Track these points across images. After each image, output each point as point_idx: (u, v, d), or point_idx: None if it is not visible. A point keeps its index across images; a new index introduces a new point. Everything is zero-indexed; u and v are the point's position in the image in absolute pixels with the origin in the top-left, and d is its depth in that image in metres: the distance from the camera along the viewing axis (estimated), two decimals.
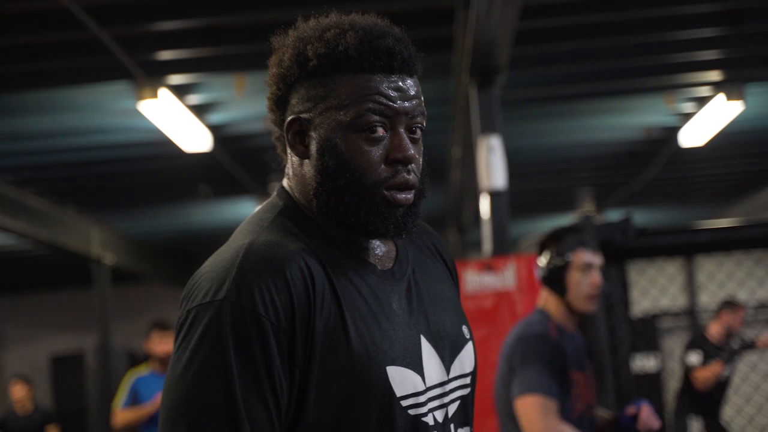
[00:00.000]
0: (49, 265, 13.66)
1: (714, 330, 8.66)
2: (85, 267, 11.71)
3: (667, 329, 14.15)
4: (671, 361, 13.64)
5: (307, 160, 1.73)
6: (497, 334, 4.85)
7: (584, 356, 3.91)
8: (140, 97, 6.77)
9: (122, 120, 7.70)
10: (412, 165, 1.71)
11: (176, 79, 6.85)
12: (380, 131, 1.69)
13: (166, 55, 6.51)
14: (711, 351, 8.48)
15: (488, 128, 5.51)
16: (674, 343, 13.97)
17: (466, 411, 1.81)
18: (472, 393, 1.83)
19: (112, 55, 6.17)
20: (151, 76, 6.63)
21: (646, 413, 3.67)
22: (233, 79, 7.05)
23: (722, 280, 6.11)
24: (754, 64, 7.56)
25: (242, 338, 1.60)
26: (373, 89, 1.69)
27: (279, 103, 1.75)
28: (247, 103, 7.58)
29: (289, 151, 1.76)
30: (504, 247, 5.57)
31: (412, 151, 1.70)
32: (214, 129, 7.94)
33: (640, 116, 9.06)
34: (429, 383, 1.73)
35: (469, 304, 5.01)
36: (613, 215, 5.88)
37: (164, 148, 8.22)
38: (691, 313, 14.84)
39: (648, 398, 7.94)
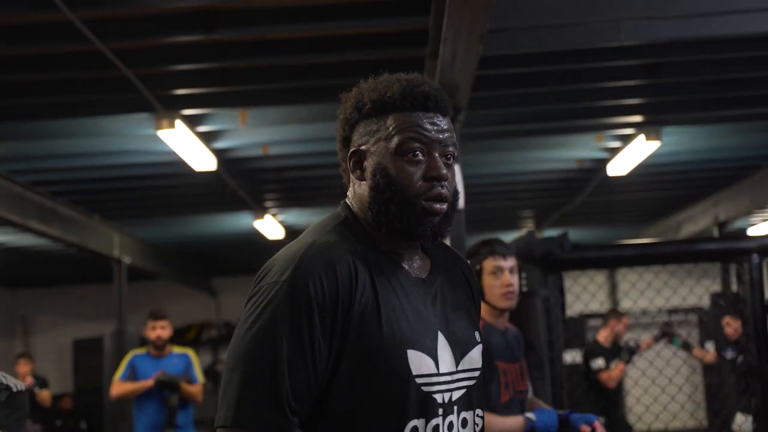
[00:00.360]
0: (77, 264, 13.63)
1: (603, 336, 8.82)
2: (107, 266, 11.71)
3: (593, 327, 14.25)
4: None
5: (364, 182, 1.93)
6: None
7: (518, 349, 3.93)
8: (159, 126, 6.82)
9: (143, 144, 7.72)
10: (445, 182, 1.90)
11: (189, 111, 6.88)
12: (419, 155, 1.89)
13: (181, 91, 6.55)
14: (609, 355, 8.63)
15: None
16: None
17: (470, 398, 1.95)
18: (478, 384, 1.98)
19: (137, 90, 6.21)
20: (168, 109, 6.68)
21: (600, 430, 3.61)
22: (237, 113, 7.10)
23: (642, 288, 6.19)
24: (670, 110, 7.64)
25: (294, 312, 1.79)
26: (413, 122, 1.90)
27: (345, 143, 1.98)
28: (248, 133, 7.63)
29: (351, 176, 1.97)
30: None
31: (445, 171, 1.90)
32: (219, 153, 7.97)
33: (573, 150, 9.15)
34: (442, 370, 1.89)
35: None
36: (551, 232, 5.97)
37: (177, 167, 8.25)
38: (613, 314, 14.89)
39: (574, 386, 7.97)
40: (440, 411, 1.88)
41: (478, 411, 1.98)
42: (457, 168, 5.49)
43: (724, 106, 7.54)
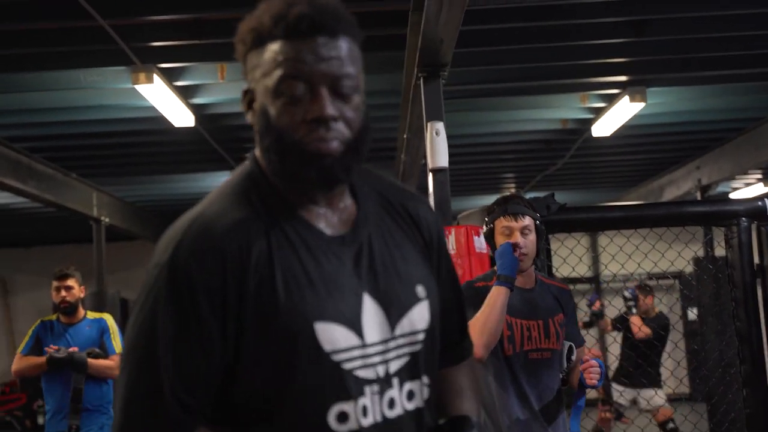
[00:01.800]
0: (55, 223, 13.50)
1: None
2: (86, 225, 11.60)
3: (579, 291, 14.21)
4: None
5: (255, 128, 1.65)
6: None
7: (546, 308, 3.86)
8: (136, 80, 6.67)
9: (120, 99, 7.58)
10: (334, 123, 1.59)
11: (166, 64, 6.74)
12: (299, 93, 1.58)
13: (157, 43, 6.42)
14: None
15: (434, 116, 5.45)
16: (580, 305, 14.06)
17: (416, 366, 1.68)
18: (425, 349, 1.70)
19: (113, 42, 6.07)
20: (144, 62, 6.53)
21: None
22: (216, 66, 6.96)
23: (630, 251, 6.10)
24: (655, 69, 7.58)
25: (176, 297, 1.55)
26: (287, 54, 1.57)
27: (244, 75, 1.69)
28: (227, 87, 7.51)
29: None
30: (446, 218, 5.54)
31: (329, 110, 1.57)
32: (198, 108, 7.85)
33: (557, 111, 9.09)
34: (368, 340, 1.62)
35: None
36: (532, 195, 5.90)
37: (156, 123, 8.12)
38: (596, 279, 14.99)
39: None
40: (369, 389, 1.62)
41: (425, 379, 1.70)
42: (440, 126, 5.44)
43: (709, 66, 7.46)
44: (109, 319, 6.26)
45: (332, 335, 1.59)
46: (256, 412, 1.60)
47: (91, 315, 6.26)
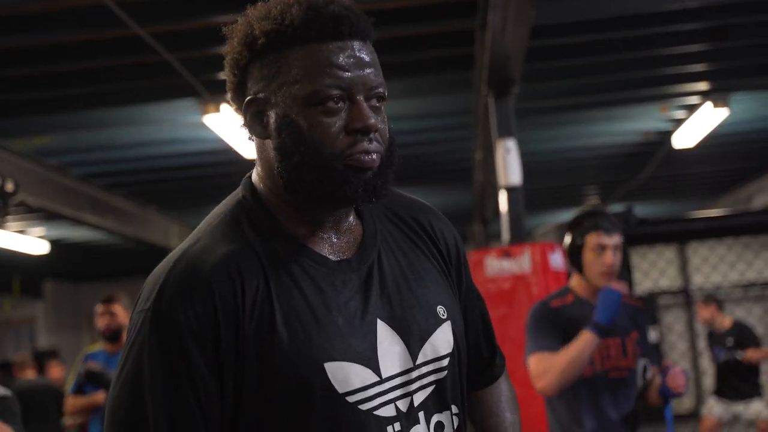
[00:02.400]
0: (136, 256, 13.68)
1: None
2: (165, 256, 11.73)
3: (665, 306, 13.98)
4: (670, 333, 13.48)
5: (268, 141, 1.46)
6: (515, 312, 4.79)
7: (624, 324, 3.73)
8: (205, 112, 6.69)
9: (191, 132, 7.63)
10: (374, 134, 1.43)
11: None
12: (338, 102, 1.41)
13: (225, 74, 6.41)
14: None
15: (505, 133, 5.39)
16: (672, 319, 13.80)
17: (443, 395, 1.51)
18: (452, 375, 1.53)
19: (180, 75, 6.10)
20: (213, 93, 6.54)
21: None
22: None
23: (714, 263, 5.94)
24: (738, 75, 7.39)
25: (163, 345, 1.38)
26: (326, 61, 1.41)
27: (239, 90, 1.49)
28: None
29: (251, 135, 1.50)
30: (520, 236, 5.45)
31: (373, 120, 1.42)
32: None
33: (638, 122, 8.90)
34: (386, 374, 1.45)
35: (489, 287, 4.95)
36: (616, 208, 5.76)
37: (226, 155, 8.13)
38: (685, 292, 14.65)
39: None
40: (396, 427, 1.45)
41: (454, 408, 1.53)
42: (512, 143, 5.34)
43: None
44: None
45: (345, 375, 1.42)
46: None
47: None
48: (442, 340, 1.52)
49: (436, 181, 10.67)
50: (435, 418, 1.50)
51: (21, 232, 11.14)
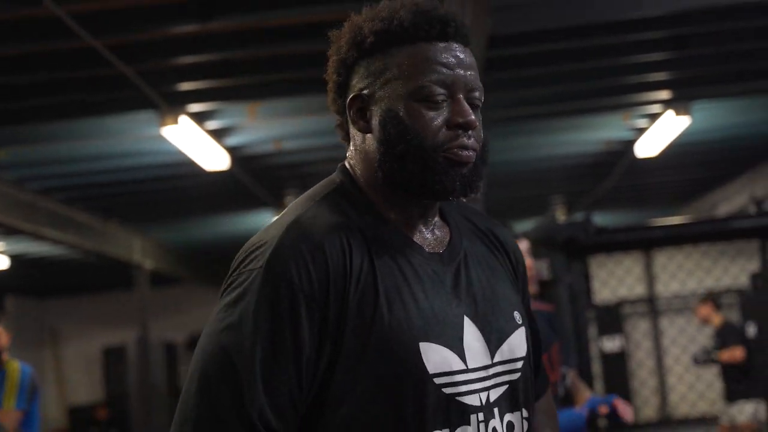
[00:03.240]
0: (99, 271, 13.61)
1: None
2: (128, 272, 11.67)
3: (628, 315, 14.05)
4: (631, 342, 13.57)
5: (369, 135, 1.55)
6: None
7: (547, 335, 3.74)
8: (163, 124, 6.64)
9: (151, 144, 7.58)
10: (472, 131, 1.51)
11: (195, 107, 6.70)
12: (442, 98, 1.50)
13: (184, 86, 6.38)
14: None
15: None
16: (634, 327, 13.88)
17: (515, 396, 1.56)
18: (524, 378, 1.59)
19: (137, 87, 6.05)
20: (172, 105, 6.50)
21: (621, 406, 3.59)
22: (246, 107, 6.91)
23: (673, 270, 5.98)
24: (699, 83, 7.43)
25: (274, 306, 1.41)
26: (432, 58, 1.51)
27: (341, 90, 1.58)
28: (259, 127, 7.45)
29: (352, 130, 1.58)
30: None
31: (473, 117, 1.50)
32: (232, 150, 7.80)
33: (600, 131, 8.95)
34: (471, 365, 1.50)
35: None
36: (576, 217, 5.79)
37: (186, 167, 8.10)
38: (650, 301, 14.74)
39: (613, 373, 7.83)
40: (475, 417, 1.49)
41: (525, 412, 1.58)
42: None
43: (756, 77, 7.31)
44: (11, 367, 5.17)
45: (437, 357, 1.47)
46: None
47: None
48: (518, 343, 1.59)
49: None
50: (507, 417, 1.54)
51: None
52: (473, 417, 1.49)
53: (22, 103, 6.48)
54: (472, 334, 1.52)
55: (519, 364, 1.58)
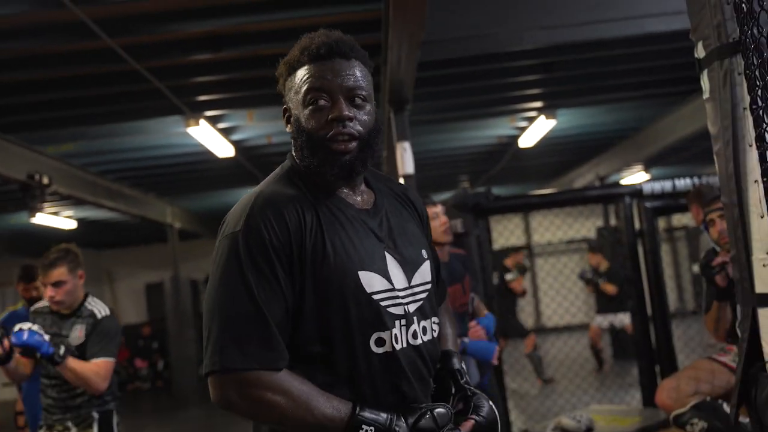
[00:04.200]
0: (140, 229, 13.40)
1: (509, 262, 8.85)
2: (162, 230, 11.51)
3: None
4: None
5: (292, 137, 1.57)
6: None
7: (460, 271, 3.72)
8: (188, 125, 6.55)
9: (178, 140, 7.45)
10: (350, 122, 1.49)
11: (210, 113, 6.61)
12: (322, 102, 1.49)
13: (202, 98, 6.29)
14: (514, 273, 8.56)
15: (402, 137, 5.37)
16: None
17: (425, 308, 1.59)
18: (430, 296, 1.61)
19: (169, 99, 5.95)
20: (194, 112, 6.41)
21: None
22: (246, 112, 6.83)
23: (547, 225, 6.01)
24: (562, 96, 7.46)
25: (254, 255, 1.43)
26: (314, 73, 1.51)
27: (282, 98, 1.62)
28: (255, 127, 7.37)
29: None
30: None
31: (346, 112, 1.48)
32: (236, 143, 7.70)
33: (494, 130, 8.95)
34: (397, 286, 1.53)
35: None
36: (480, 190, 5.77)
37: (206, 155, 7.98)
38: (528, 247, 14.88)
39: (507, 297, 7.75)
40: (399, 323, 1.51)
41: (434, 319, 1.60)
42: (407, 144, 5.31)
43: (603, 91, 7.35)
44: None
45: (371, 281, 1.50)
46: (313, 345, 1.48)
47: None
48: (426, 272, 1.62)
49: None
50: (422, 323, 1.57)
51: (55, 213, 10.83)
52: (398, 322, 1.51)
53: (83, 110, 6.33)
54: (393, 266, 1.54)
55: (428, 287, 1.60)
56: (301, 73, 1.52)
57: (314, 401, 1.41)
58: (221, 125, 6.97)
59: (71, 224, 11.56)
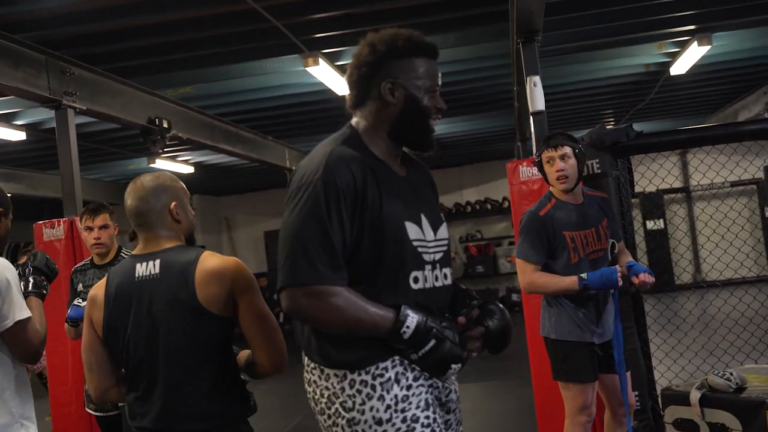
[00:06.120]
0: (258, 174, 13.99)
1: None
2: (281, 174, 11.96)
3: (668, 201, 13.83)
4: (672, 224, 13.35)
5: (392, 106, 2.06)
6: None
7: (595, 215, 3.83)
8: (306, 64, 6.87)
9: (296, 79, 7.81)
10: None
11: (327, 50, 6.90)
12: (435, 94, 2.10)
13: (319, 35, 6.58)
14: None
15: (532, 71, 5.43)
16: (675, 211, 13.66)
17: (446, 259, 2.14)
18: (447, 250, 2.16)
19: (286, 37, 6.27)
20: (311, 50, 6.71)
21: (645, 277, 3.67)
22: None
23: (702, 168, 5.90)
24: (719, 18, 7.24)
25: (330, 197, 1.93)
26: (432, 70, 2.08)
27: (370, 73, 2.06)
28: None
29: (372, 100, 2.08)
30: None
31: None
32: None
33: (639, 57, 8.77)
34: (427, 238, 2.07)
35: (523, 187, 5.00)
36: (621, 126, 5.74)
37: (324, 95, 8.32)
38: (686, 191, 14.48)
39: (655, 249, 7.70)
40: (429, 266, 2.05)
41: (449, 269, 2.14)
42: (537, 79, 5.41)
43: (763, 11, 7.07)
44: None
45: (412, 229, 2.04)
46: (366, 275, 1.98)
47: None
48: (444, 230, 2.18)
49: (486, 109, 10.69)
50: (444, 270, 2.14)
51: (172, 158, 11.53)
52: (428, 266, 2.07)
53: (202, 52, 6.74)
54: (425, 222, 2.08)
55: (446, 242, 2.16)
56: (422, 64, 2.06)
57: (368, 303, 1.96)
58: (340, 62, 7.25)
59: (188, 169, 12.28)
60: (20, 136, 8.51)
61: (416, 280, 2.03)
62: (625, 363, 3.81)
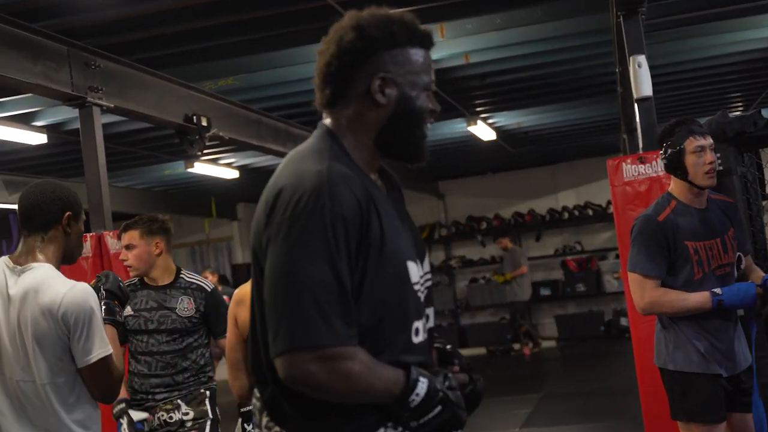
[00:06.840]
0: None
1: None
2: None
3: None
4: None
5: (380, 108, 1.92)
6: None
7: (721, 223, 3.75)
8: None
9: None
10: None
11: None
12: (431, 92, 1.98)
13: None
14: None
15: (635, 49, 5.37)
16: None
17: (431, 295, 2.02)
18: (431, 286, 2.05)
19: (339, 18, 6.27)
20: None
21: None
22: (436, 26, 7.03)
23: None
24: None
25: (337, 231, 1.77)
26: (429, 63, 1.96)
27: (356, 65, 1.93)
28: (449, 44, 7.52)
29: (355, 99, 1.93)
30: (653, 142, 5.44)
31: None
32: None
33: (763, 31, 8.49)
34: (420, 274, 1.95)
35: (627, 189, 4.95)
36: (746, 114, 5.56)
37: None
38: None
39: None
40: (421, 307, 1.96)
41: (432, 308, 2.04)
42: (642, 58, 5.33)
43: None
44: None
45: (413, 270, 1.91)
46: (366, 328, 1.84)
47: None
48: (427, 260, 2.05)
49: (583, 96, 10.56)
50: (429, 310, 2.01)
51: (213, 162, 11.69)
52: (425, 310, 1.97)
53: (245, 37, 6.78)
54: (414, 252, 1.95)
55: (430, 275, 2.04)
56: (417, 55, 1.94)
57: (379, 367, 1.82)
58: None
59: (232, 174, 12.44)
60: (40, 138, 8.70)
61: (417, 332, 1.92)
62: (761, 400, 3.72)
